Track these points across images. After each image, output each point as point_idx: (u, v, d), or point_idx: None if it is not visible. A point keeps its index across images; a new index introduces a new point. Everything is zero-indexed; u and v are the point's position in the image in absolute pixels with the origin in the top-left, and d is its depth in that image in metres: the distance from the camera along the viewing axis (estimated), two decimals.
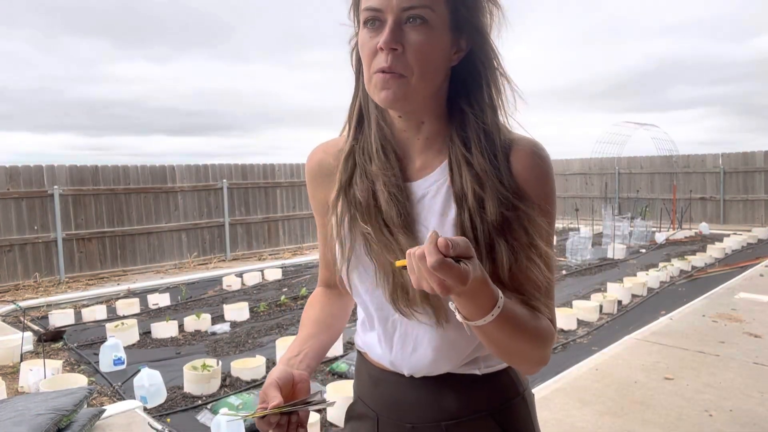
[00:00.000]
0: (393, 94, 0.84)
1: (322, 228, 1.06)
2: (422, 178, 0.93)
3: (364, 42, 0.87)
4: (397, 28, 0.82)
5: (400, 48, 0.82)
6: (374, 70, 0.85)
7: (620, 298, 6.11)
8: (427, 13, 0.82)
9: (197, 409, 3.63)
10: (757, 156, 13.23)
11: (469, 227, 0.86)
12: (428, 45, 0.83)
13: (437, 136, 0.93)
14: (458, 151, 0.89)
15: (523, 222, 0.86)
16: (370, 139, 0.94)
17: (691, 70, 30.97)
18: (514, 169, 0.89)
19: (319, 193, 1.04)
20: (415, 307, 0.87)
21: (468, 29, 0.88)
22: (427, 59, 0.84)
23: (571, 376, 3.78)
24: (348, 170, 0.95)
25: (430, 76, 0.86)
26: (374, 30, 0.85)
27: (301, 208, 11.22)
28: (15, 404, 2.88)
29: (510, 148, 0.90)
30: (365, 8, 0.85)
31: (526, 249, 0.86)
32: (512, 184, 0.88)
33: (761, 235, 11.04)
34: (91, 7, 26.65)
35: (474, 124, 0.90)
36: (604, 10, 33.58)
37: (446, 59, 0.88)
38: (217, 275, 8.19)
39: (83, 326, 5.77)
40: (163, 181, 9.33)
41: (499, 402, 0.96)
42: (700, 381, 3.61)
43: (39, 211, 8.01)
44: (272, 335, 5.20)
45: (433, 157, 0.93)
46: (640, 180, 15.11)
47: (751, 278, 6.85)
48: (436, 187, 0.91)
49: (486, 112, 0.90)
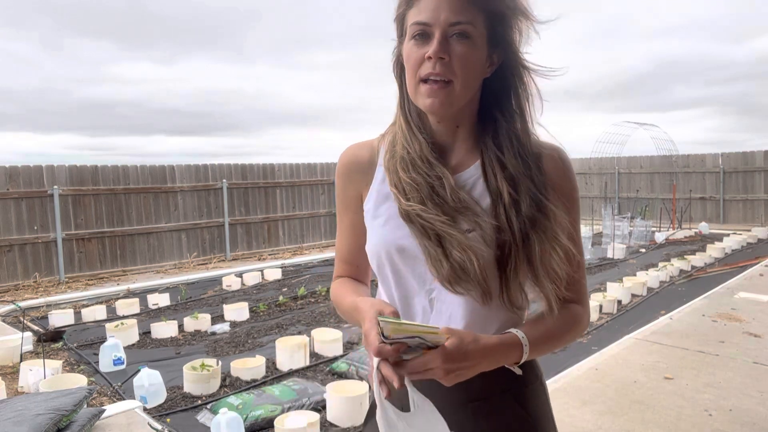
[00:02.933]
0: (439, 101, 0.95)
1: (347, 223, 1.14)
2: (459, 173, 1.03)
3: (410, 52, 0.97)
4: (444, 40, 0.93)
5: (447, 57, 0.93)
6: (420, 77, 0.96)
7: (620, 298, 6.12)
8: (469, 29, 0.94)
9: (197, 409, 3.63)
10: (756, 156, 13.24)
11: (505, 221, 0.96)
12: (470, 56, 0.95)
13: (470, 138, 1.04)
14: (492, 154, 1.00)
15: (550, 218, 0.97)
16: (420, 140, 1.03)
17: (691, 70, 30.94)
18: (544, 170, 1.01)
19: (350, 189, 1.12)
20: (467, 285, 0.95)
21: (501, 45, 0.99)
22: (468, 69, 0.95)
23: (570, 375, 3.78)
24: (397, 163, 1.03)
25: (470, 85, 0.97)
26: (422, 42, 0.95)
27: (300, 208, 11.22)
28: (15, 404, 2.88)
29: (540, 152, 1.02)
30: (415, 22, 0.95)
31: (551, 241, 0.96)
32: (542, 184, 0.99)
33: (761, 235, 11.04)
34: (98, 9, 26.62)
35: (506, 131, 1.01)
36: (605, 10, 33.57)
37: (482, 71, 0.99)
38: (216, 275, 8.19)
39: (83, 326, 5.77)
40: (162, 181, 9.33)
41: (521, 385, 1.04)
42: (700, 381, 3.62)
43: (39, 211, 8.01)
44: (272, 335, 5.20)
45: (466, 157, 1.04)
46: (640, 180, 15.11)
47: (751, 278, 6.86)
48: (472, 181, 1.02)
49: (516, 119, 1.01)
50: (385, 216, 1.03)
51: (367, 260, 1.10)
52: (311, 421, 3.12)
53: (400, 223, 0.99)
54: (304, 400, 3.50)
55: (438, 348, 0.84)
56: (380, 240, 1.02)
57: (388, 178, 1.04)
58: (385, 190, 1.04)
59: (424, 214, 0.96)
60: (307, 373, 4.23)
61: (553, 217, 0.97)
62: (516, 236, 0.95)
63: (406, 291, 1.03)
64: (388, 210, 1.03)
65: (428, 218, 0.96)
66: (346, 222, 1.14)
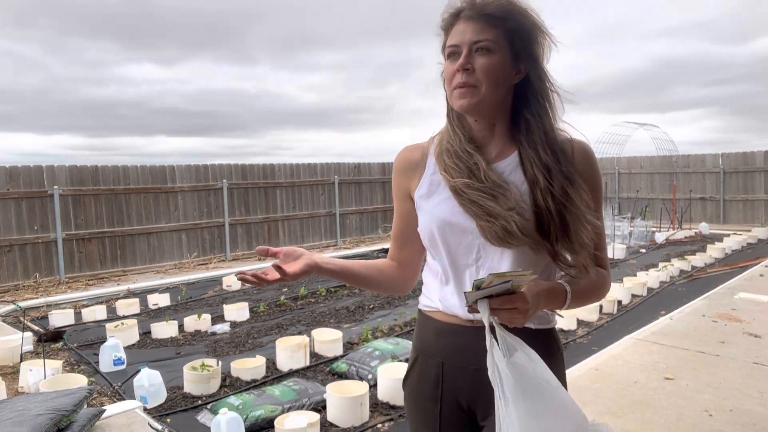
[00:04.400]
0: (467, 103, 1.19)
1: (398, 209, 1.38)
2: (498, 162, 1.24)
3: (446, 69, 1.23)
4: (469, 55, 1.17)
5: (471, 68, 1.17)
6: (453, 86, 1.20)
7: (620, 298, 6.12)
8: (490, 45, 1.16)
9: (197, 409, 3.63)
10: (756, 156, 13.23)
11: (543, 204, 1.16)
12: (491, 65, 1.17)
13: (506, 134, 1.26)
14: (527, 148, 1.20)
15: (578, 199, 1.17)
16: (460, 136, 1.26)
17: (691, 71, 30.91)
18: (575, 161, 1.22)
19: (403, 182, 1.35)
20: (516, 241, 1.15)
21: (524, 57, 1.20)
22: (490, 75, 1.17)
23: (570, 376, 3.78)
24: (443, 153, 1.26)
25: (495, 88, 1.18)
26: (454, 59, 1.20)
27: (300, 208, 11.22)
28: (15, 404, 2.88)
29: (568, 146, 1.23)
30: (448, 45, 1.21)
31: (582, 219, 1.17)
32: (571, 172, 1.19)
33: (761, 235, 11.04)
34: (102, 10, 26.58)
35: (536, 128, 1.21)
36: (605, 11, 33.55)
37: (508, 77, 1.20)
38: (217, 275, 8.19)
39: (83, 326, 5.77)
40: (163, 181, 9.33)
41: (545, 353, 1.18)
42: (700, 381, 3.61)
43: (39, 211, 8.01)
44: (272, 335, 5.20)
45: (504, 149, 1.25)
46: (640, 180, 15.11)
47: (751, 278, 6.86)
48: (511, 168, 1.23)
49: (543, 118, 1.22)
50: (436, 198, 1.26)
51: (409, 242, 1.37)
52: (311, 421, 3.12)
53: (450, 203, 1.22)
54: (304, 401, 3.50)
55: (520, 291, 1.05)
56: (432, 217, 1.25)
57: (438, 165, 1.27)
58: (436, 178, 1.27)
59: (468, 189, 1.18)
60: (307, 373, 4.23)
61: (581, 200, 1.17)
62: (553, 215, 1.15)
63: (456, 260, 1.25)
64: (438, 194, 1.26)
65: (471, 193, 1.18)
66: (398, 209, 1.39)
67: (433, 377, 1.30)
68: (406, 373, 1.39)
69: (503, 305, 1.04)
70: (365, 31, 36.34)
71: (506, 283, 1.01)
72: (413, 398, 1.36)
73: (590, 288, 1.24)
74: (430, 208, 1.26)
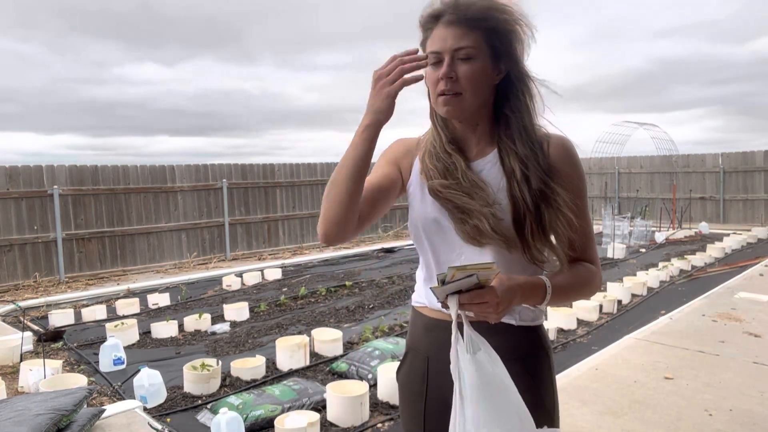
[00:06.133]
0: (452, 109, 1.20)
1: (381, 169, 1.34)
2: (479, 159, 1.27)
3: (429, 75, 1.22)
4: (452, 63, 1.17)
5: (455, 76, 1.17)
6: (437, 93, 1.20)
7: (620, 298, 6.12)
8: (471, 52, 1.16)
9: (197, 409, 3.62)
10: (756, 156, 13.23)
11: (519, 194, 1.18)
12: (474, 72, 1.17)
13: (487, 133, 1.28)
14: (506, 144, 1.23)
15: (555, 192, 1.18)
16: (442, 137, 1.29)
17: (691, 71, 30.90)
18: (550, 155, 1.22)
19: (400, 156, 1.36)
20: (488, 240, 1.18)
21: (504, 57, 1.20)
22: (473, 82, 1.17)
23: (571, 375, 3.78)
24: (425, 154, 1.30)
25: (478, 93, 1.20)
26: (437, 67, 1.19)
27: (300, 208, 11.22)
28: (15, 404, 2.88)
29: (547, 140, 1.24)
30: (429, 52, 1.19)
31: (557, 211, 1.18)
32: (547, 165, 1.21)
33: (761, 235, 11.04)
34: (105, 10, 26.59)
35: (515, 124, 1.22)
36: (605, 11, 33.54)
37: (490, 80, 1.21)
38: (217, 275, 8.19)
39: (83, 326, 5.77)
40: (162, 181, 9.33)
41: (528, 351, 1.24)
42: (700, 381, 3.61)
43: (39, 211, 8.01)
44: (272, 335, 5.20)
45: (485, 147, 1.28)
46: (640, 180, 15.11)
47: (751, 278, 6.86)
48: (490, 165, 1.25)
49: (523, 115, 1.23)
50: (421, 196, 1.29)
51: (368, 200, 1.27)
52: (311, 421, 3.12)
53: (432, 201, 1.25)
54: (304, 400, 3.50)
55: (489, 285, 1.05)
56: (418, 214, 1.29)
57: (420, 166, 1.30)
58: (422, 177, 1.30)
59: (444, 189, 1.22)
60: (307, 373, 4.23)
61: (556, 192, 1.18)
62: (529, 206, 1.17)
63: (440, 256, 1.28)
64: (423, 192, 1.29)
65: (447, 192, 1.22)
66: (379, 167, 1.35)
67: (420, 373, 1.33)
68: (397, 368, 1.43)
69: (472, 300, 1.04)
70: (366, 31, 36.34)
71: (471, 277, 1.01)
72: (403, 393, 1.40)
73: (575, 283, 1.23)
74: (418, 206, 1.30)
